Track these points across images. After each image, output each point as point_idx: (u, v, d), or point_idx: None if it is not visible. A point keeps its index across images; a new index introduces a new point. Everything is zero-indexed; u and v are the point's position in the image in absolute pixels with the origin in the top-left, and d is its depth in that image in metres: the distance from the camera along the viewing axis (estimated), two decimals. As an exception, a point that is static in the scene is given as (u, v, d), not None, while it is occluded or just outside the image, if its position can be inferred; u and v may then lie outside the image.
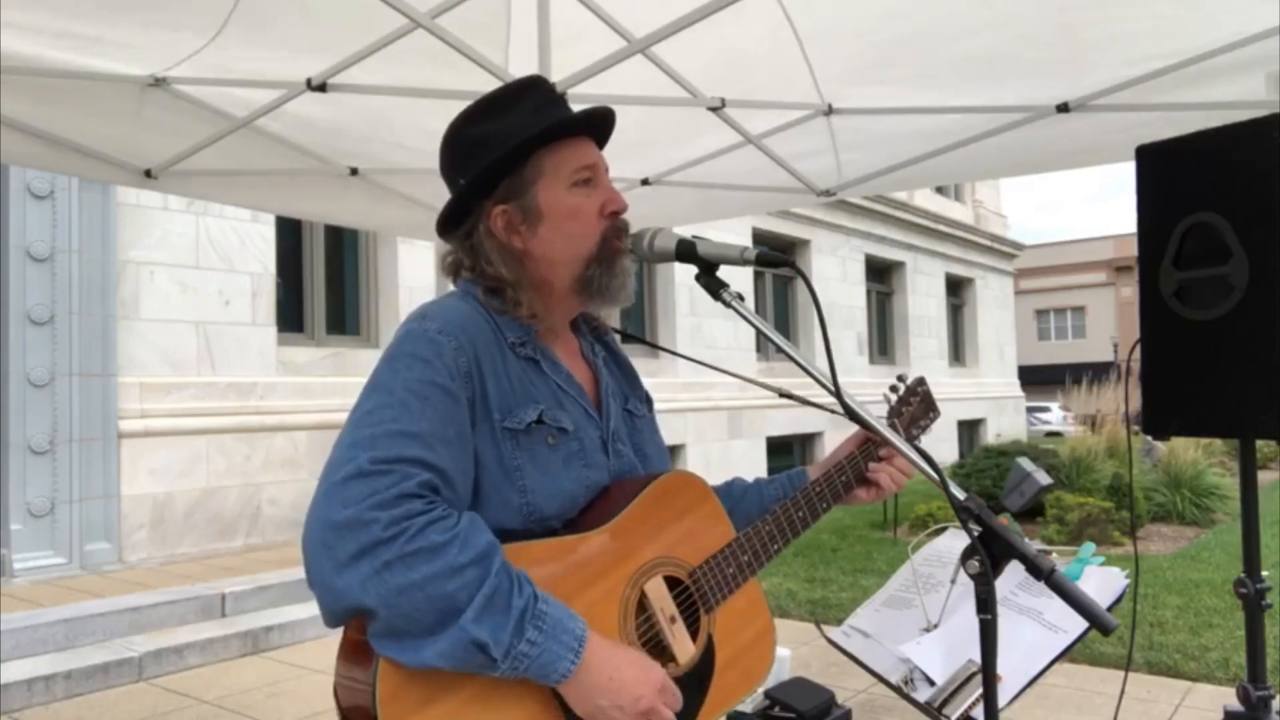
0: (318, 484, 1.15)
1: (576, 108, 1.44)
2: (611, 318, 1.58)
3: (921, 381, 1.80)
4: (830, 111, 3.02)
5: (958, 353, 18.84)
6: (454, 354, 1.24)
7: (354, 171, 3.36)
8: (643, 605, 1.32)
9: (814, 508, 1.54)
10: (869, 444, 1.62)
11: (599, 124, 1.43)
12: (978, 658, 1.20)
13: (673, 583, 1.36)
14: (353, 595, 1.09)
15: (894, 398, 1.76)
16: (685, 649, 1.34)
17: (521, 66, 2.52)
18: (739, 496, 1.62)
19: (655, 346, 1.91)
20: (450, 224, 1.40)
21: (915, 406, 1.77)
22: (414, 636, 1.10)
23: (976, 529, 1.19)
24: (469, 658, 1.10)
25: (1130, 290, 37.06)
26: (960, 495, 1.22)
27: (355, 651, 1.17)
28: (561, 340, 1.45)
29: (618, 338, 1.63)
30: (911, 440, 1.68)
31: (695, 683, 1.35)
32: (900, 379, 1.77)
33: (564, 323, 1.45)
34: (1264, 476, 11.86)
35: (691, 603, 1.38)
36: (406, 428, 1.16)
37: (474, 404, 1.25)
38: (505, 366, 1.31)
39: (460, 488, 1.21)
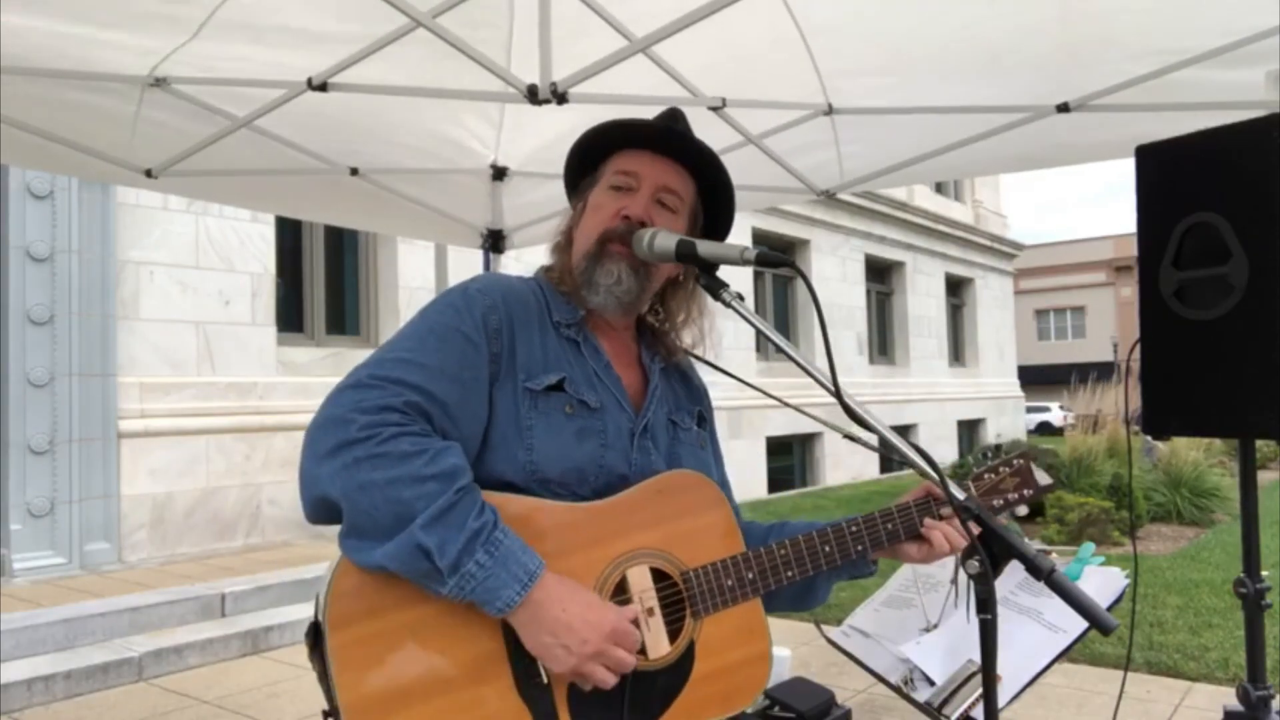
0: None
1: (577, 107, 1.47)
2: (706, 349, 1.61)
3: (1024, 455, 1.64)
4: (831, 111, 3.02)
5: (957, 353, 18.84)
6: (485, 310, 1.34)
7: (354, 171, 3.36)
8: (622, 589, 1.32)
9: (845, 546, 1.44)
10: (930, 500, 1.51)
11: (674, 149, 1.50)
12: (977, 658, 1.20)
13: (661, 577, 1.35)
14: (322, 484, 1.18)
15: (984, 462, 1.65)
16: (659, 645, 1.32)
17: (522, 66, 2.52)
18: (791, 533, 1.52)
19: (715, 368, 1.79)
20: None
21: (1003, 477, 1.61)
22: (369, 536, 1.17)
23: (976, 529, 1.19)
24: (414, 562, 1.15)
25: (1130, 290, 37.07)
26: (960, 495, 1.22)
27: (336, 564, 1.24)
28: (614, 339, 1.50)
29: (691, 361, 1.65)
30: (991, 509, 1.56)
31: (664, 683, 1.32)
32: (998, 449, 1.69)
33: (613, 323, 1.50)
34: (1264, 476, 11.86)
35: (679, 603, 1.35)
36: (415, 358, 1.26)
37: (500, 360, 1.33)
38: (542, 338, 1.40)
39: (463, 424, 1.28)
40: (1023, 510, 1.59)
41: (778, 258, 1.31)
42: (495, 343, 1.33)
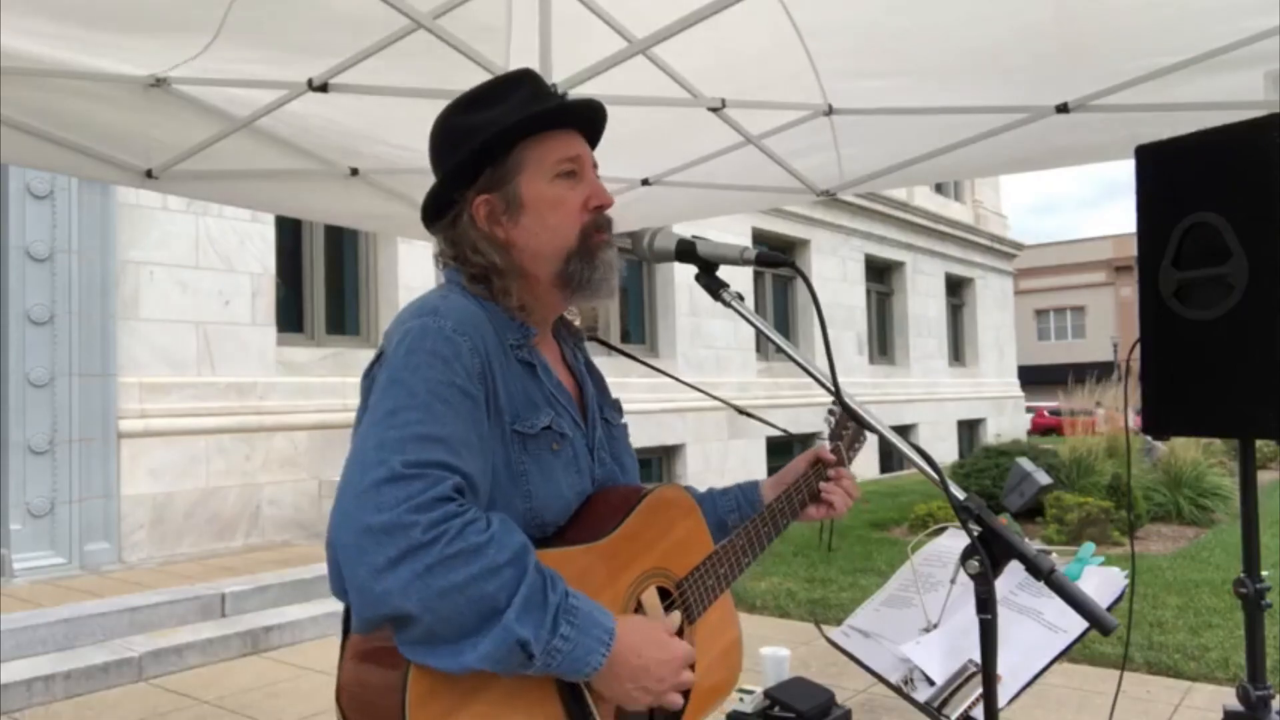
0: (343, 486, 1.13)
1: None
2: (609, 319, 1.58)
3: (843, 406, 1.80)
4: (831, 111, 3.03)
5: (957, 353, 18.84)
6: (470, 354, 1.23)
7: (354, 172, 3.36)
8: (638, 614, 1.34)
9: (777, 523, 1.58)
10: (819, 463, 1.67)
11: (586, 118, 1.42)
12: (977, 658, 1.20)
13: (662, 593, 1.38)
14: (393, 600, 1.07)
15: (832, 421, 1.77)
16: None
17: (522, 67, 2.52)
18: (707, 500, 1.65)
19: (628, 355, 1.89)
20: (435, 214, 1.39)
21: (852, 431, 1.78)
22: (452, 640, 1.09)
23: (976, 529, 1.19)
24: (511, 657, 1.09)
25: (1130, 290, 37.07)
26: (960, 495, 1.22)
27: (370, 658, 1.16)
28: (547, 345, 1.44)
29: (588, 346, 1.62)
30: (847, 463, 1.73)
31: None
32: (831, 411, 1.75)
33: (550, 321, 1.45)
34: (1264, 476, 11.86)
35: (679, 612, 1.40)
36: (433, 431, 1.15)
37: (487, 403, 1.24)
38: (509, 368, 1.30)
39: (483, 491, 1.21)
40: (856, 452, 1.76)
41: (777, 258, 1.31)
42: (483, 386, 1.23)
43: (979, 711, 1.39)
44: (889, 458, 14.46)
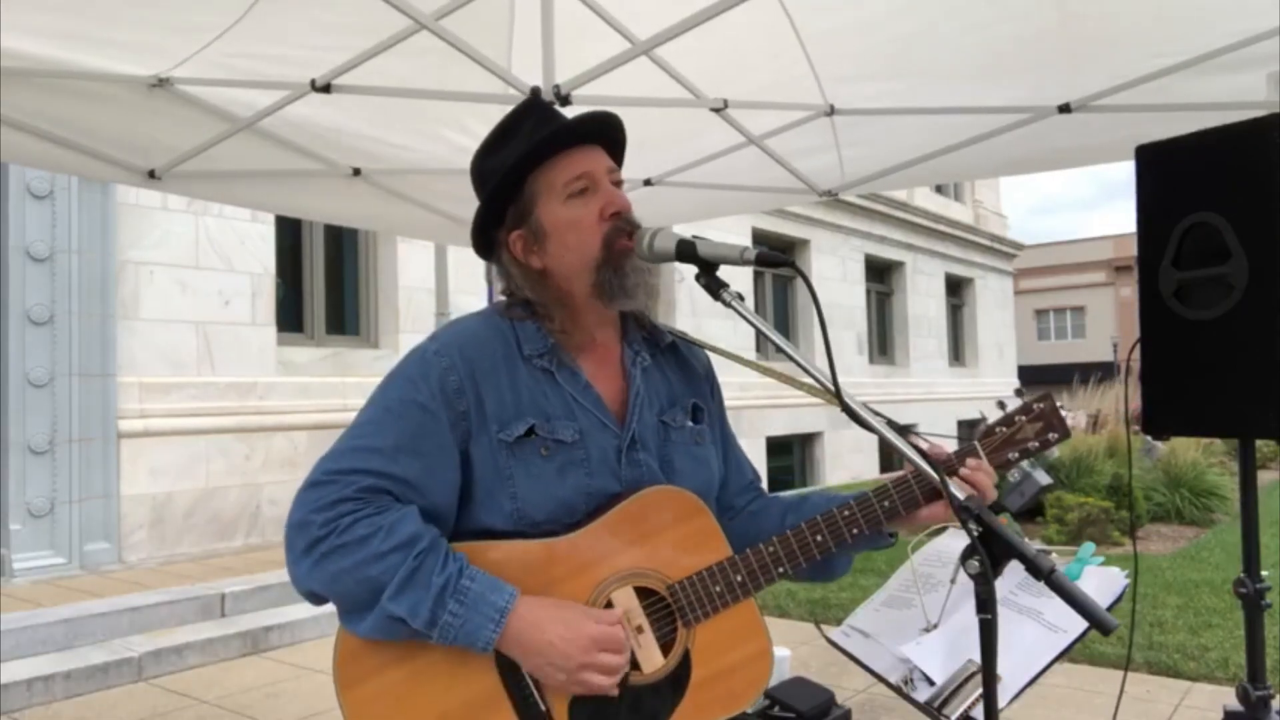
0: None
1: (580, 109, 1.45)
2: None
3: (1046, 397, 1.55)
4: (832, 112, 3.03)
5: (957, 353, 18.84)
6: (442, 373, 1.35)
7: (357, 172, 3.36)
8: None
9: (838, 532, 1.41)
10: (943, 463, 1.44)
11: (590, 131, 1.43)
12: (977, 658, 1.21)
13: (648, 594, 1.37)
14: (305, 582, 1.29)
15: (1005, 408, 1.58)
16: (652, 660, 1.35)
17: (524, 68, 2.53)
18: (808, 512, 1.50)
19: (715, 350, 1.76)
20: (484, 253, 1.52)
21: (1021, 426, 1.52)
22: (355, 612, 1.28)
23: (976, 529, 1.19)
24: (393, 629, 1.27)
25: (1130, 290, 37.06)
26: (960, 495, 1.22)
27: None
28: (595, 350, 1.47)
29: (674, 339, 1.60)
30: (1010, 463, 1.53)
31: (664, 694, 1.36)
32: (1018, 392, 1.60)
33: (599, 331, 1.47)
34: (1264, 476, 11.85)
35: (670, 615, 1.38)
36: (371, 443, 1.32)
37: (469, 416, 1.35)
38: (513, 379, 1.38)
39: (431, 492, 1.33)
40: (1054, 453, 1.53)
41: (777, 258, 1.31)
42: (460, 402, 1.34)
43: (979, 711, 1.39)
44: (890, 458, 14.45)
